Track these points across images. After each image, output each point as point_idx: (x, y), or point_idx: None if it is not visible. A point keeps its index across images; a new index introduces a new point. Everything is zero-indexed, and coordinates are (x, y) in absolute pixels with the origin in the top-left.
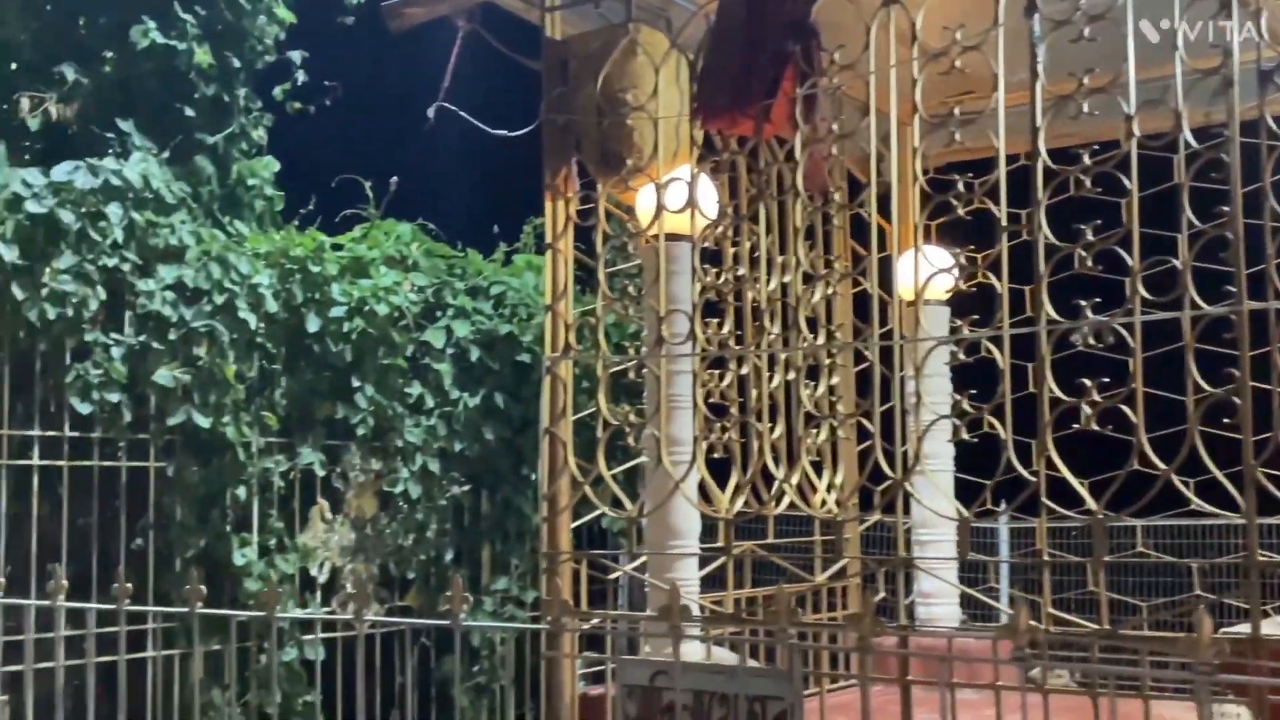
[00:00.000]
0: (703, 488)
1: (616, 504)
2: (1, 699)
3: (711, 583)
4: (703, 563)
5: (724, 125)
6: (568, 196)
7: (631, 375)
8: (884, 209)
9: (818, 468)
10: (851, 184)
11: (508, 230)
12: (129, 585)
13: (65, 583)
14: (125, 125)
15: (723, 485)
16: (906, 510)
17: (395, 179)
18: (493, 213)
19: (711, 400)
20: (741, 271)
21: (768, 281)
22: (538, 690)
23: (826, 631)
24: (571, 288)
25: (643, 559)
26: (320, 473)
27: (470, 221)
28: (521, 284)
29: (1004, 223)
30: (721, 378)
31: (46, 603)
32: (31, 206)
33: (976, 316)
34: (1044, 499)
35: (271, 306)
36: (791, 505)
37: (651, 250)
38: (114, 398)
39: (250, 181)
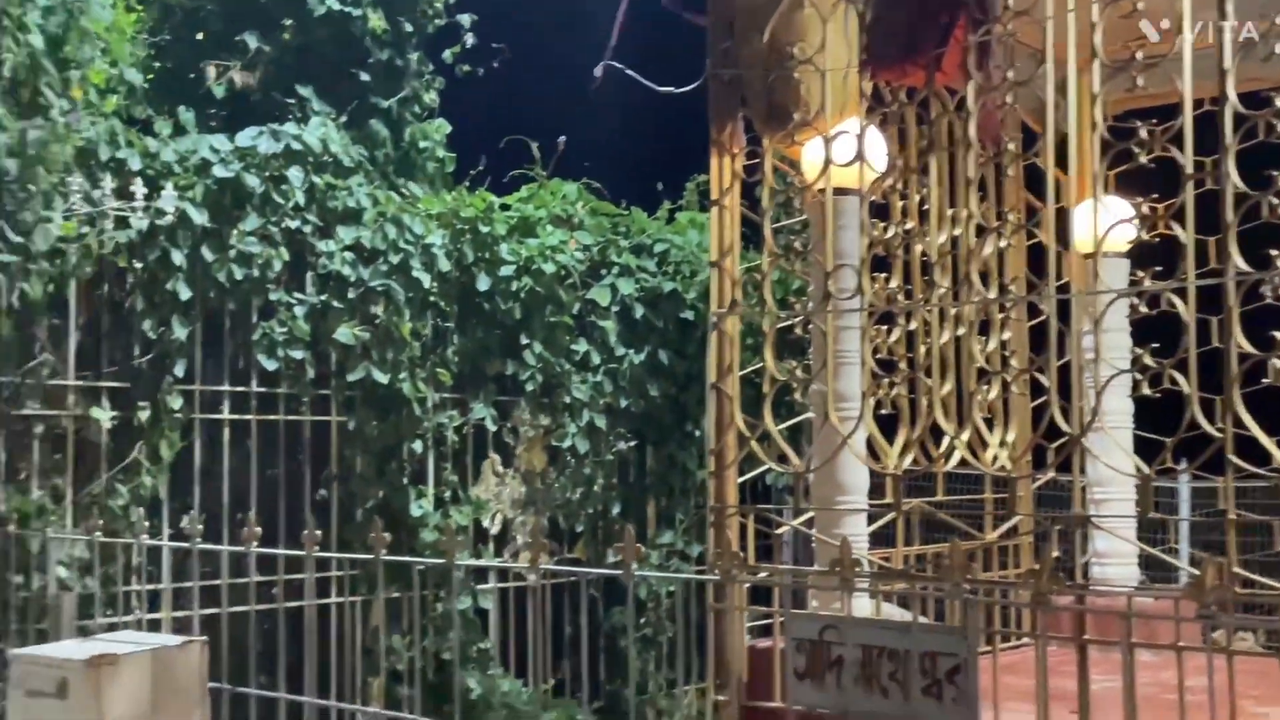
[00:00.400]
0: (870, 444)
1: (783, 459)
2: (201, 639)
3: (879, 540)
4: (870, 519)
5: (894, 76)
6: (733, 152)
7: (798, 331)
8: (1060, 159)
9: (989, 424)
10: (1026, 134)
11: (672, 187)
12: (317, 533)
13: (258, 530)
14: (304, 91)
15: (891, 441)
16: (1082, 468)
17: (562, 139)
18: (657, 170)
19: (879, 356)
20: (910, 225)
21: (938, 235)
22: (704, 643)
23: (1000, 588)
24: (737, 244)
25: (809, 515)
26: (492, 427)
27: (635, 179)
28: (685, 241)
29: (1189, 170)
30: (889, 333)
31: (240, 549)
32: (219, 171)
33: (1159, 268)
34: (1230, 456)
35: (444, 266)
36: (962, 462)
37: (818, 205)
38: (298, 354)
39: (422, 144)
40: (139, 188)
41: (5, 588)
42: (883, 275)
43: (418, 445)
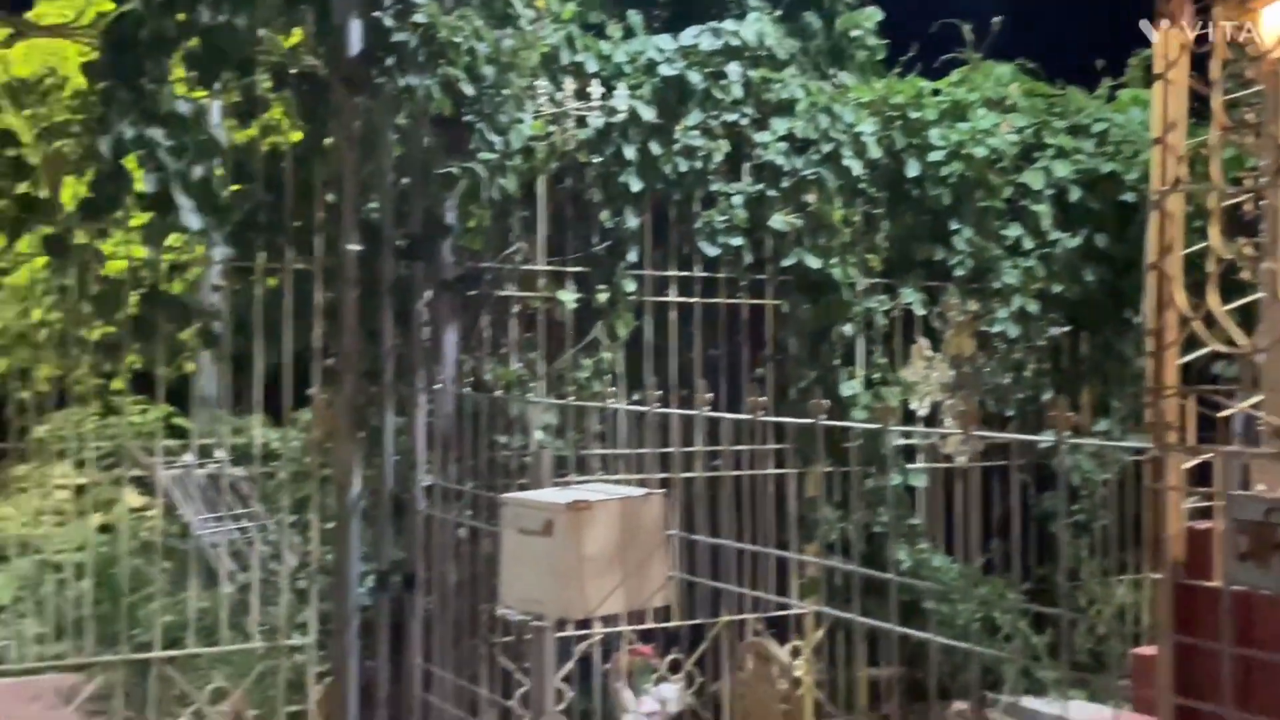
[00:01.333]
0: None
1: (1229, 342)
2: (661, 491)
3: None
4: None
5: None
6: (1181, 23)
7: (1248, 209)
8: None
9: None
10: None
11: (1113, 65)
12: (763, 399)
13: (709, 395)
14: None
15: None
16: None
17: (997, 19)
18: (1097, 48)
19: None
20: None
21: None
22: (1139, 536)
23: None
24: (1184, 119)
25: (1258, 398)
26: (920, 312)
27: (1073, 58)
28: (1126, 120)
29: None
30: None
31: (693, 411)
32: (664, 70)
33: None
34: None
35: (874, 153)
36: None
37: (1274, 75)
38: (736, 241)
39: (854, 33)
40: (595, 88)
41: (494, 446)
42: None
43: (848, 328)
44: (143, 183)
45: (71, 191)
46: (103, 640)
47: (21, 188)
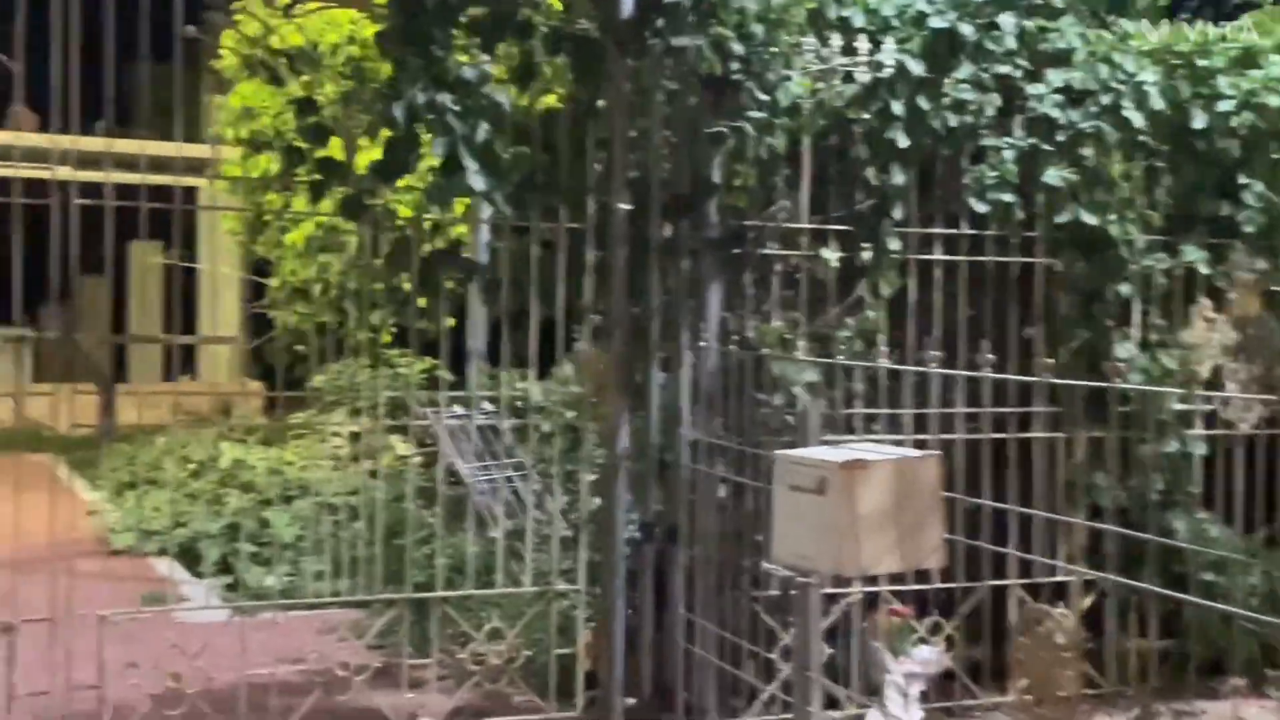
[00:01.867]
0: None
1: None
2: (937, 453)
3: None
4: None
5: None
6: None
7: None
8: None
9: None
10: None
11: None
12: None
13: (990, 356)
14: None
15: None
16: None
17: None
18: None
19: None
20: None
21: None
22: None
23: None
24: None
25: None
26: (1204, 271)
27: None
28: None
29: None
30: None
31: (974, 374)
32: (935, 22)
33: None
34: None
35: (1157, 104)
36: None
37: None
38: (1006, 198)
39: None
40: (862, 43)
41: (757, 404)
42: None
43: (1124, 288)
44: (430, 146)
45: (363, 154)
46: (384, 580)
47: (320, 152)
